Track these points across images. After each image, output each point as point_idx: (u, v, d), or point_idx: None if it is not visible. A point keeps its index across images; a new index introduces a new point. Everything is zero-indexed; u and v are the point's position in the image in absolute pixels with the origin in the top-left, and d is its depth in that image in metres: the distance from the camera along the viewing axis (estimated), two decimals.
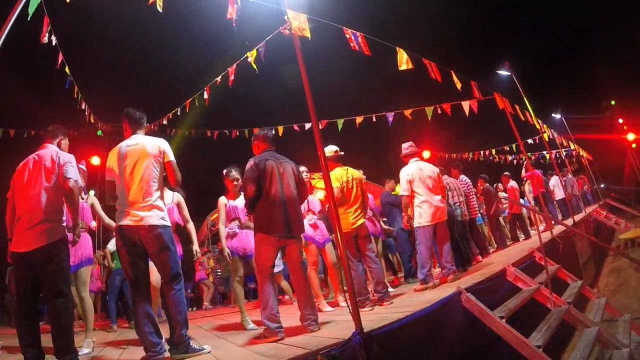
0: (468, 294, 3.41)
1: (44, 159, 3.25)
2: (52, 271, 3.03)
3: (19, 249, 3.05)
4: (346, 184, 4.65)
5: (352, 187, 4.69)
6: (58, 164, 3.24)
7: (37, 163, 3.24)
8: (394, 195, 6.89)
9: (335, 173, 4.65)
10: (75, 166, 3.33)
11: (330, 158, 4.71)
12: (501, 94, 6.88)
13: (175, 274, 3.13)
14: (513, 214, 9.61)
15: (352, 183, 4.71)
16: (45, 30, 4.56)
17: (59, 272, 3.07)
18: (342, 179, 4.64)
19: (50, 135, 3.50)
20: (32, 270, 3.05)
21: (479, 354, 3.34)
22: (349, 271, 2.92)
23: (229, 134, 9.99)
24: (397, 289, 5.95)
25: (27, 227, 3.05)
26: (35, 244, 3.01)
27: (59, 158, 3.28)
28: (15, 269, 3.22)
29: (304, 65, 3.18)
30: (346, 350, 2.55)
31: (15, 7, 2.90)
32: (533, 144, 13.98)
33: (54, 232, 3.09)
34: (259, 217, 3.56)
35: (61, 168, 3.22)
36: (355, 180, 4.75)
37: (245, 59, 5.08)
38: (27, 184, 3.17)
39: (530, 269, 4.96)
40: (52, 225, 3.10)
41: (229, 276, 9.13)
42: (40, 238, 3.03)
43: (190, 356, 3.07)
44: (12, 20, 2.84)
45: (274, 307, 3.40)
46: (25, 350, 2.97)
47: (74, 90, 7.42)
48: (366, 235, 4.66)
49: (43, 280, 3.06)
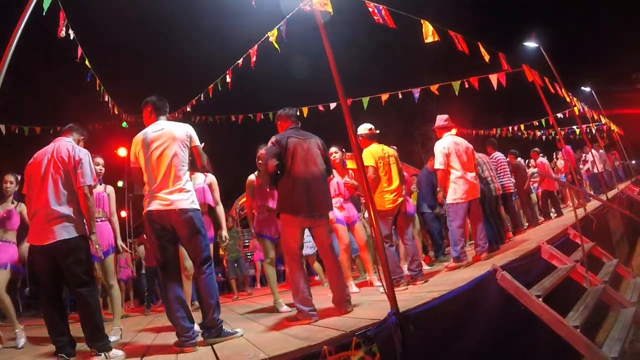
0: (503, 272, 3.30)
1: (59, 152, 3.22)
2: (72, 263, 3.03)
3: (37, 242, 3.06)
4: (382, 160, 4.54)
5: (390, 164, 4.59)
6: (74, 158, 3.20)
7: (52, 157, 3.20)
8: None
9: (371, 149, 4.55)
10: (89, 163, 3.28)
11: (365, 136, 4.63)
12: (530, 67, 6.62)
13: (205, 258, 3.13)
14: (544, 190, 9.31)
15: (389, 160, 4.60)
16: (62, 25, 4.55)
17: (80, 263, 3.06)
18: (376, 155, 4.53)
19: (68, 131, 3.47)
20: (52, 263, 3.05)
21: (514, 333, 3.25)
22: (383, 250, 2.87)
23: (254, 118, 9.97)
24: (430, 268, 5.87)
25: (44, 221, 3.04)
26: (54, 238, 3.01)
27: (75, 152, 3.24)
28: (36, 261, 3.22)
29: (328, 42, 3.08)
30: (382, 330, 2.51)
31: (28, 3, 2.89)
32: (562, 119, 13.51)
33: (72, 228, 3.08)
34: (282, 197, 3.50)
35: (77, 165, 3.18)
36: (391, 157, 4.65)
37: (266, 39, 5.00)
38: (44, 177, 3.14)
39: (565, 246, 4.80)
40: (70, 221, 3.09)
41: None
42: (58, 232, 3.02)
43: (223, 340, 3.08)
44: (27, 16, 2.84)
45: (305, 289, 3.37)
46: (56, 339, 3.01)
47: (95, 82, 7.49)
48: (406, 213, 4.58)
49: (65, 271, 3.07)
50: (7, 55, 2.69)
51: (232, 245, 9.06)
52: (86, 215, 3.21)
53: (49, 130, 8.87)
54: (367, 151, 4.50)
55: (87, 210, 3.18)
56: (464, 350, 2.86)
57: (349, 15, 4.28)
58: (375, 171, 4.43)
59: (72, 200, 3.15)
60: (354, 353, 2.35)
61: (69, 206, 3.12)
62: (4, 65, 2.69)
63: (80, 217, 3.17)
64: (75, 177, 3.16)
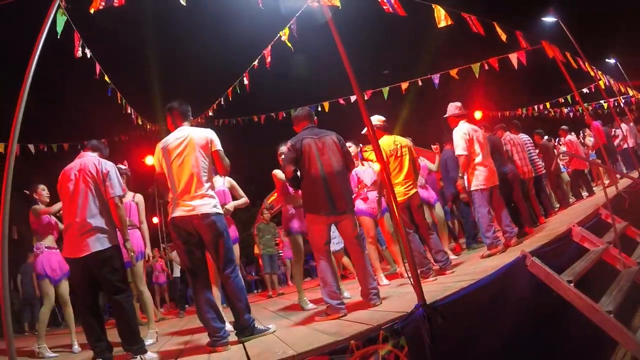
0: (533, 257, 3.22)
1: (86, 167, 3.34)
2: (107, 273, 3.17)
3: (72, 254, 3.21)
4: (394, 152, 4.50)
5: (401, 155, 4.54)
6: (101, 172, 3.32)
7: (80, 172, 3.32)
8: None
9: (381, 142, 4.48)
10: (116, 175, 3.41)
11: (378, 127, 4.59)
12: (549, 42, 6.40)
13: (228, 261, 3.18)
14: (574, 169, 8.98)
15: (401, 151, 4.55)
16: (77, 45, 4.67)
17: (114, 272, 3.21)
18: (388, 148, 4.49)
19: (91, 148, 3.60)
20: (88, 273, 3.20)
21: (546, 321, 3.16)
22: (407, 242, 2.85)
23: (276, 116, 10.01)
24: (459, 257, 5.78)
25: (77, 234, 3.18)
26: (88, 250, 3.14)
27: (101, 166, 3.36)
28: (72, 272, 3.40)
29: (339, 36, 3.07)
30: (409, 323, 2.51)
31: (42, 29, 2.99)
32: (589, 94, 12.99)
33: (105, 239, 3.21)
34: (305, 197, 3.60)
35: (105, 178, 3.30)
36: (403, 148, 4.59)
37: (279, 38, 5.01)
38: (73, 194, 3.27)
39: (597, 227, 4.63)
40: (103, 232, 3.21)
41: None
42: (92, 244, 3.15)
43: (256, 337, 3.15)
44: (42, 41, 2.95)
45: (333, 284, 3.41)
46: (94, 345, 3.17)
47: (116, 96, 7.67)
48: (419, 205, 4.53)
49: (100, 281, 3.21)
50: (28, 78, 2.80)
51: (269, 240, 9.12)
52: (119, 225, 3.36)
53: (76, 146, 9.13)
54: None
55: (119, 219, 3.34)
56: (495, 340, 2.82)
57: (357, 9, 4.21)
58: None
59: (103, 211, 3.28)
60: (382, 347, 2.36)
61: (100, 218, 3.25)
62: (26, 88, 2.80)
63: (111, 227, 3.29)
64: (104, 189, 3.29)
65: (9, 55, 9.07)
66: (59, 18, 3.45)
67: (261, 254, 9.26)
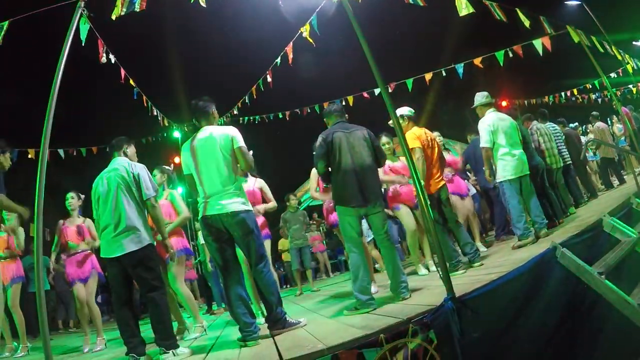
0: (563, 249, 3.16)
1: (118, 170, 3.45)
2: (142, 272, 3.29)
3: (108, 254, 3.34)
4: (427, 142, 4.50)
5: (433, 146, 4.55)
6: (133, 174, 3.43)
7: (112, 176, 3.43)
8: None
9: (414, 132, 4.50)
10: (148, 176, 3.51)
11: (409, 117, 4.62)
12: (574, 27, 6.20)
13: (259, 256, 3.24)
14: (603, 158, 8.72)
15: (432, 143, 4.56)
16: (101, 51, 4.80)
17: (149, 271, 3.32)
18: (421, 137, 4.48)
19: (116, 147, 3.68)
20: (123, 272, 3.32)
21: (576, 314, 3.10)
22: (436, 235, 2.85)
23: (300, 112, 10.01)
24: (489, 249, 5.70)
25: (112, 236, 3.30)
26: (122, 251, 3.26)
27: (132, 167, 3.47)
28: (108, 271, 3.55)
29: (360, 29, 3.08)
30: (438, 317, 2.52)
31: (66, 37, 3.09)
32: (616, 78, 12.54)
33: (139, 240, 3.31)
34: (335, 190, 3.64)
35: (137, 179, 3.41)
36: (434, 140, 4.61)
37: (300, 35, 5.03)
38: (107, 195, 3.38)
39: (628, 217, 4.52)
40: (137, 232, 3.32)
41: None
42: (127, 245, 3.26)
43: (287, 330, 3.23)
44: (67, 48, 3.05)
45: (364, 278, 3.44)
46: (128, 341, 3.29)
47: (142, 99, 7.84)
48: (447, 198, 4.51)
49: (136, 279, 3.35)
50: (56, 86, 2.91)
51: (297, 230, 7.81)
52: (156, 224, 3.50)
53: (104, 149, 9.37)
54: (410, 133, 4.44)
55: (155, 218, 3.47)
56: (524, 333, 2.80)
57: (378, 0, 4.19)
58: (422, 153, 4.36)
59: (137, 212, 3.38)
60: (411, 340, 2.37)
61: (135, 219, 3.35)
62: (54, 94, 2.91)
63: (145, 227, 3.39)
64: (139, 191, 3.40)
65: (37, 64, 9.37)
66: (82, 26, 3.56)
67: (289, 248, 8.30)
